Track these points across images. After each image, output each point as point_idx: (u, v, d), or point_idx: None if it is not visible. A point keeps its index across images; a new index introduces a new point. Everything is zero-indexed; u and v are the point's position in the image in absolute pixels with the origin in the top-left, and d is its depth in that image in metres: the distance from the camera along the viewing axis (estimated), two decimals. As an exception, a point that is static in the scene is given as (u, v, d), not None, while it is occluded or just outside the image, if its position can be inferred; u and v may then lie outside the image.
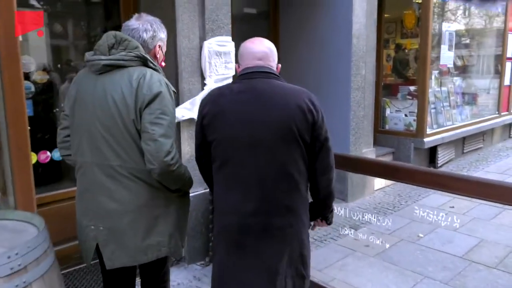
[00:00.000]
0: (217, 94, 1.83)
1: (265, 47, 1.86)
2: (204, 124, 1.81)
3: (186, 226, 2.05)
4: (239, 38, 4.86)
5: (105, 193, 1.82)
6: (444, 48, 6.36)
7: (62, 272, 3.12)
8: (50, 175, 3.33)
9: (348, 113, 4.79)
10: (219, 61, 3.41)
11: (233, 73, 3.53)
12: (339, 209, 2.74)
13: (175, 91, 1.97)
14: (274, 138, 1.71)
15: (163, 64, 2.05)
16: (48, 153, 3.20)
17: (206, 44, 3.29)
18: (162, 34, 1.98)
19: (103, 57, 1.80)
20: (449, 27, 6.44)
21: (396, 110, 6.44)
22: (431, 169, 1.92)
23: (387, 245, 3.03)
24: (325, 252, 3.67)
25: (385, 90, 6.61)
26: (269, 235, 1.76)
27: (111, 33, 1.85)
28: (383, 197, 5.20)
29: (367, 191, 5.17)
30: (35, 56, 3.16)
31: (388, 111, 6.44)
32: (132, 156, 1.79)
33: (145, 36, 1.89)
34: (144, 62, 1.84)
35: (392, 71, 6.69)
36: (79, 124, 1.87)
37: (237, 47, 3.57)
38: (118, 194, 1.81)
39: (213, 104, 1.80)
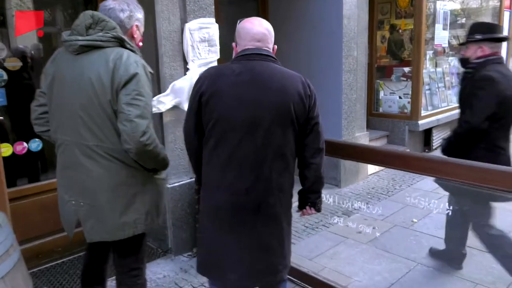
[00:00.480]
0: (216, 74, 1.83)
1: (264, 28, 1.85)
2: (202, 101, 1.79)
3: (162, 204, 2.07)
4: (225, 20, 4.77)
5: (84, 171, 1.85)
6: (438, 27, 6.19)
7: (44, 266, 3.06)
8: (28, 166, 3.19)
9: (339, 96, 4.65)
10: (202, 44, 3.25)
11: (217, 57, 3.38)
12: (330, 196, 2.62)
13: (152, 72, 1.93)
14: (272, 120, 1.74)
15: (140, 44, 2.03)
16: (25, 144, 3.06)
17: (187, 26, 3.13)
18: (139, 14, 1.98)
19: (80, 38, 1.80)
20: (444, 6, 6.25)
21: (391, 93, 6.30)
22: (422, 154, 1.80)
23: (378, 234, 2.93)
24: (316, 240, 3.58)
25: (379, 72, 6.46)
26: (262, 213, 1.80)
27: (88, 12, 1.83)
28: (376, 182, 5.10)
29: (360, 176, 5.07)
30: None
31: (382, 94, 6.30)
32: (108, 136, 1.81)
33: (122, 15, 1.90)
34: (121, 43, 1.83)
35: (387, 53, 6.53)
36: (58, 104, 1.88)
37: (223, 30, 3.47)
38: (96, 173, 1.83)
39: (212, 83, 1.79)
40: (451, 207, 2.35)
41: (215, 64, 3.38)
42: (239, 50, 1.85)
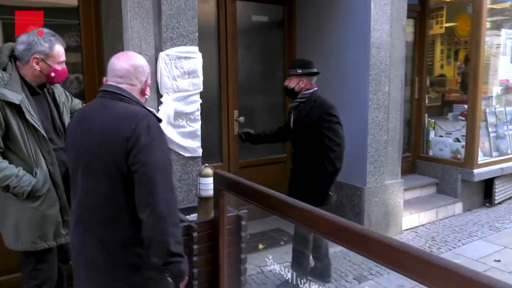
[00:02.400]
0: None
1: (128, 64, 1.72)
2: None
3: (21, 229, 2.11)
4: (246, 48, 4.41)
5: None
6: (505, 60, 5.25)
7: None
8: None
9: (365, 137, 4.00)
10: (181, 75, 2.90)
11: (200, 89, 3.01)
12: (346, 255, 2.07)
13: (11, 101, 1.97)
14: (88, 163, 1.63)
15: (52, 75, 2.13)
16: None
17: (162, 55, 2.81)
18: (41, 47, 2.08)
19: None
20: (511, 35, 5.32)
21: (446, 133, 5.43)
22: (385, 238, 1.19)
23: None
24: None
25: (433, 109, 5.64)
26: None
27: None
28: (412, 239, 4.27)
29: (392, 230, 4.29)
30: None
31: (432, 134, 5.45)
32: None
33: (19, 48, 2.08)
34: None
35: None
36: None
37: (246, 60, 3.08)
38: None
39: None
40: None
41: (197, 97, 3.00)
42: None
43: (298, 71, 3.03)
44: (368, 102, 3.94)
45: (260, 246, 3.86)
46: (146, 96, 1.82)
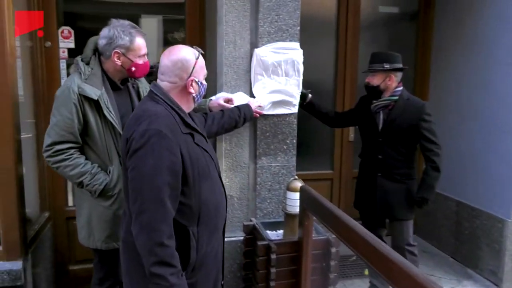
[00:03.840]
0: None
1: (168, 60, 1.63)
2: None
3: (96, 226, 2.10)
4: (369, 44, 3.89)
5: None
6: None
7: None
8: None
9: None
10: (278, 75, 2.60)
11: (299, 91, 2.67)
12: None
13: (89, 96, 1.96)
14: (122, 157, 1.66)
15: (133, 70, 2.06)
16: None
17: (256, 52, 2.54)
18: (121, 41, 2.00)
19: None
20: None
21: None
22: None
23: None
24: None
25: None
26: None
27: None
28: None
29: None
30: None
31: None
32: None
33: (100, 43, 2.03)
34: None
35: None
36: None
37: (366, 56, 2.61)
38: None
39: None
40: None
41: (295, 100, 2.66)
42: None
43: (385, 66, 2.69)
44: (522, 112, 3.08)
45: (366, 272, 3.37)
46: (194, 95, 1.62)
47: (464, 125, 3.59)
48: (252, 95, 2.59)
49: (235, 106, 2.41)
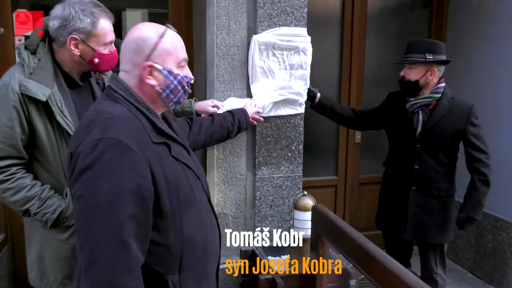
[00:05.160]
0: None
1: (124, 42, 1.21)
2: None
3: (46, 264, 1.64)
4: (377, 34, 3.48)
5: None
6: None
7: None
8: None
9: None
10: (281, 67, 2.15)
11: (306, 86, 2.22)
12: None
13: (34, 96, 1.48)
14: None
15: (96, 61, 1.57)
16: None
17: (255, 39, 2.08)
18: (80, 23, 1.52)
19: None
20: None
21: None
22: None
23: None
24: None
25: None
26: None
27: None
28: None
29: None
30: None
31: None
32: None
33: (52, 25, 1.55)
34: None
35: None
36: None
37: (374, 48, 2.27)
38: None
39: None
40: None
41: (302, 98, 2.22)
42: None
43: (428, 57, 2.24)
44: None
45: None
46: (157, 88, 1.18)
47: (486, 125, 3.18)
48: (249, 92, 2.13)
49: (228, 111, 1.95)
